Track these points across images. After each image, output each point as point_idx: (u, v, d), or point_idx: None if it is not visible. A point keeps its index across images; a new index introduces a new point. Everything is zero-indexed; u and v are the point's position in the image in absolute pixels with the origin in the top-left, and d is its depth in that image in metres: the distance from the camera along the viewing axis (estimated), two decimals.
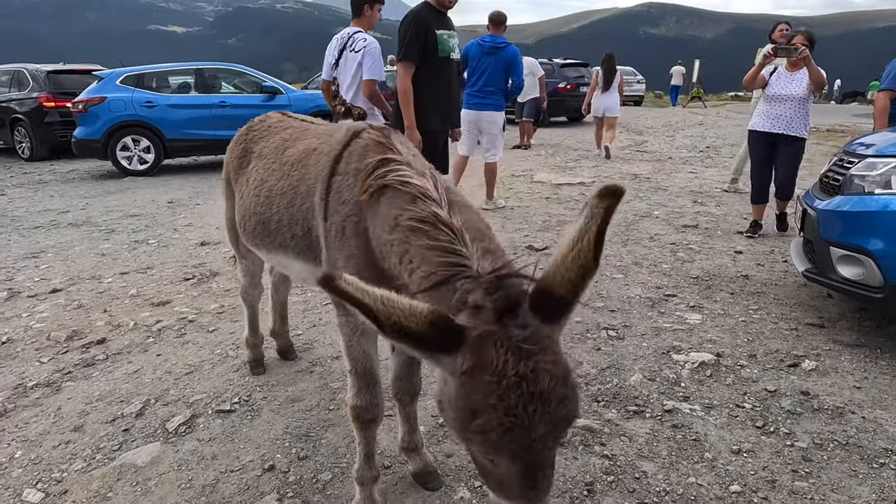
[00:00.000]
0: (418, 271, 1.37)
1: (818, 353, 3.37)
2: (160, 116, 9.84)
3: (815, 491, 2.26)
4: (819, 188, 3.97)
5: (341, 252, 1.80)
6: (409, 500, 2.23)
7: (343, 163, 1.86)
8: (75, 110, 9.86)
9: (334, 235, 1.82)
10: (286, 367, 3.26)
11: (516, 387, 1.04)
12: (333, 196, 1.84)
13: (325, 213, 1.88)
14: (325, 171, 1.91)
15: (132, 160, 9.92)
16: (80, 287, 4.58)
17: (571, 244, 1.13)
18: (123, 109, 9.73)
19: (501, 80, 6.57)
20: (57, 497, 2.27)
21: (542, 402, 1.06)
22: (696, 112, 22.47)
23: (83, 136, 9.77)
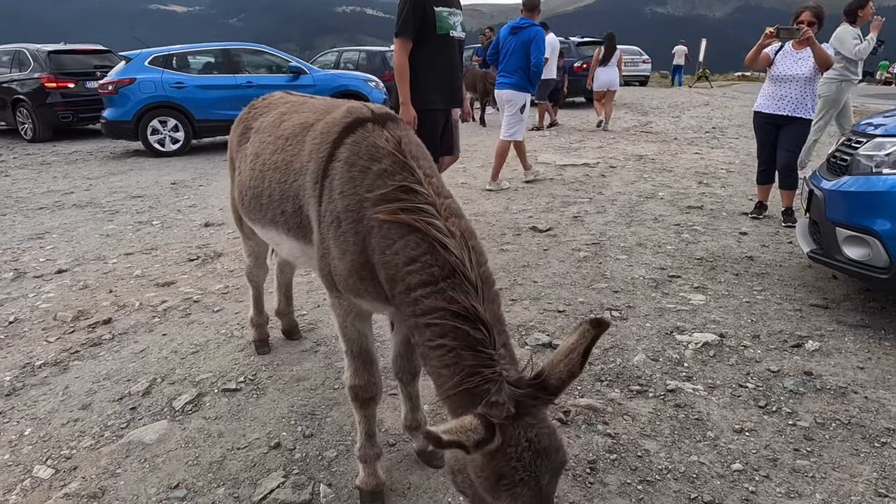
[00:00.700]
0: (449, 368, 1.50)
1: (822, 334, 3.37)
2: (189, 97, 9.82)
3: (816, 469, 2.28)
4: (826, 168, 3.93)
5: (336, 244, 1.79)
6: (413, 478, 2.26)
7: (345, 150, 1.80)
8: (104, 92, 9.83)
9: (329, 223, 1.80)
10: (291, 347, 3.28)
11: (527, 449, 1.35)
12: (330, 182, 1.81)
13: (318, 197, 1.85)
14: (322, 153, 1.87)
15: (164, 142, 9.95)
16: (85, 268, 4.60)
17: (565, 353, 1.43)
18: (154, 90, 9.72)
19: (522, 59, 6.63)
20: (66, 473, 2.30)
21: (545, 456, 1.38)
22: (703, 92, 22.22)
23: (114, 118, 9.75)
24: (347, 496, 2.15)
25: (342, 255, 1.77)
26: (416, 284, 1.56)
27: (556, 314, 3.63)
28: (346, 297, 1.88)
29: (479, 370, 1.44)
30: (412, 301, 1.57)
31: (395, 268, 1.61)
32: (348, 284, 1.81)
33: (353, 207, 1.73)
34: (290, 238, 2.14)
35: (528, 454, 1.35)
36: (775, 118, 5.34)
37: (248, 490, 2.19)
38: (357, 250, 1.73)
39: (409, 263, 1.58)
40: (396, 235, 1.61)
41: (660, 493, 2.16)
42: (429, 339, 1.54)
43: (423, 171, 1.72)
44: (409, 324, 1.61)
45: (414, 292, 1.56)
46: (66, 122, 11.59)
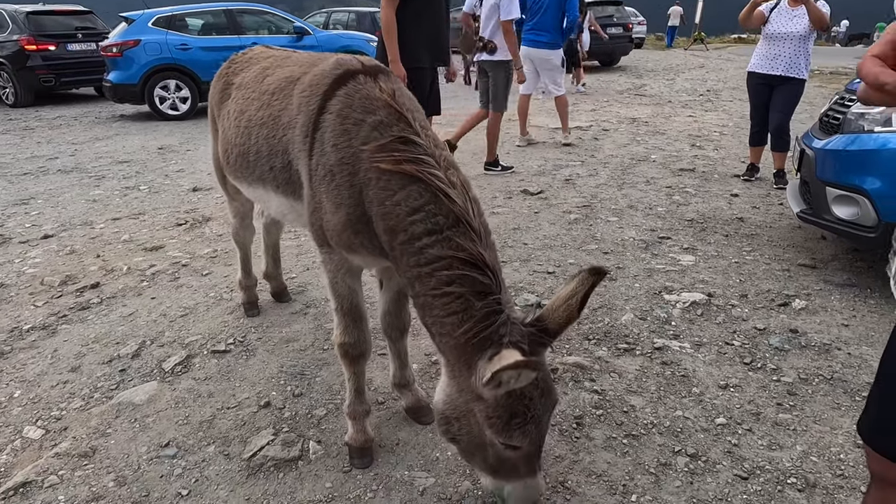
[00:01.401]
0: (457, 315, 1.53)
1: (809, 293, 3.39)
2: (195, 59, 9.60)
3: (797, 422, 2.32)
4: (819, 128, 3.90)
5: (328, 197, 1.76)
6: (403, 434, 2.28)
7: (337, 102, 1.76)
8: (108, 54, 9.59)
9: (321, 177, 1.77)
10: (280, 309, 3.28)
11: (536, 388, 1.47)
12: (321, 135, 1.77)
13: (309, 151, 1.82)
14: (311, 106, 1.83)
15: (175, 105, 9.79)
16: (71, 233, 4.55)
17: (564, 299, 1.50)
18: (159, 52, 9.51)
19: (557, 17, 6.50)
20: (57, 433, 2.32)
21: (549, 395, 1.51)
22: (698, 55, 21.92)
23: (120, 81, 9.53)
24: (337, 453, 2.18)
25: (336, 209, 1.74)
26: (421, 233, 1.55)
27: (545, 276, 3.63)
28: (337, 252, 1.87)
29: (489, 315, 1.48)
30: (416, 251, 1.56)
31: (398, 218, 1.59)
32: (342, 239, 1.79)
33: (348, 160, 1.70)
34: (279, 195, 2.10)
35: (537, 392, 1.46)
36: (769, 78, 5.27)
37: (239, 448, 2.21)
38: (352, 203, 1.71)
39: (412, 213, 1.57)
40: (397, 186, 1.60)
41: (644, 446, 2.20)
42: (433, 289, 1.54)
43: (419, 123, 1.71)
44: (411, 275, 1.60)
45: (418, 241, 1.56)
46: (49, 86, 11.30)
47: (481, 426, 1.52)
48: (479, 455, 1.59)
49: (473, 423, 1.54)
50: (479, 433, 1.54)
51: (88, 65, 11.45)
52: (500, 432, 1.47)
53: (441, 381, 1.65)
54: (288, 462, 2.13)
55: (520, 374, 1.35)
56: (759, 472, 2.06)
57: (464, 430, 1.57)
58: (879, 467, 1.04)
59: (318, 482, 2.04)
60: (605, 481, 2.03)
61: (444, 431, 1.64)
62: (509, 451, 1.52)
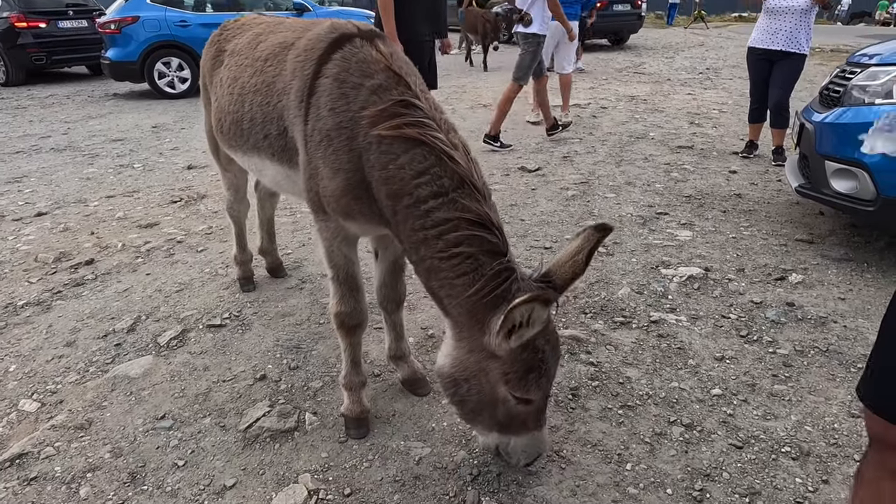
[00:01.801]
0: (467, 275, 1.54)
1: (806, 268, 3.39)
2: (195, 36, 9.38)
3: (793, 393, 2.33)
4: (819, 102, 3.87)
5: (326, 162, 1.72)
6: (398, 405, 2.29)
7: (334, 67, 1.73)
8: (106, 31, 9.42)
9: (318, 142, 1.74)
10: (276, 285, 3.27)
11: (548, 342, 1.54)
12: (317, 99, 1.74)
13: (304, 116, 1.79)
14: (307, 71, 1.79)
15: (173, 83, 9.65)
16: (65, 210, 4.51)
17: (570, 255, 1.55)
18: (158, 29, 9.34)
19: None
20: (53, 406, 2.31)
21: (557, 349, 1.61)
22: (698, 33, 21.69)
23: (119, 59, 9.37)
24: (333, 424, 2.18)
25: (334, 175, 1.72)
26: (427, 196, 1.54)
27: (542, 251, 3.62)
28: (333, 219, 1.84)
29: (500, 273, 1.51)
30: (422, 214, 1.55)
31: (402, 182, 1.58)
32: (340, 205, 1.76)
33: (347, 125, 1.67)
34: (275, 163, 2.07)
35: (549, 347, 1.54)
36: (769, 53, 5.21)
37: (234, 419, 2.21)
38: (351, 168, 1.68)
39: (417, 177, 1.56)
40: (400, 150, 1.58)
41: (640, 417, 2.20)
42: (441, 251, 1.53)
43: (419, 87, 1.70)
44: (416, 238, 1.58)
45: (424, 204, 1.55)
46: (40, 64, 11.13)
47: (494, 384, 1.55)
48: (487, 413, 1.62)
49: (485, 381, 1.57)
50: (489, 391, 1.57)
51: (80, 42, 11.28)
52: (517, 387, 1.52)
53: (445, 345, 1.65)
54: (284, 433, 2.13)
55: (532, 310, 1.38)
56: (753, 442, 2.07)
57: (473, 391, 1.59)
58: (878, 429, 1.04)
59: (314, 452, 2.05)
60: (600, 450, 2.04)
61: (451, 394, 1.66)
62: (521, 405, 1.57)
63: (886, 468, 0.99)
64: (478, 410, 1.64)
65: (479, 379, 1.58)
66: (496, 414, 1.62)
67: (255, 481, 1.94)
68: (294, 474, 1.95)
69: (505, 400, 1.57)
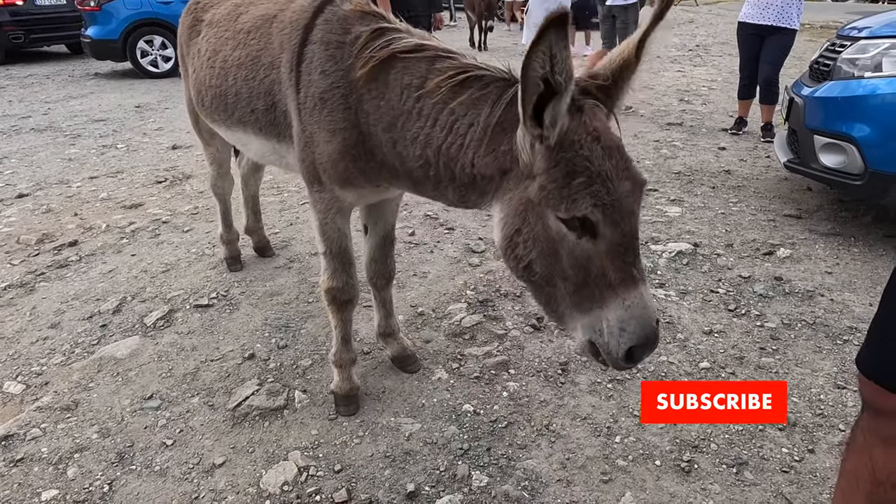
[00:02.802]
0: (481, 111, 1.39)
1: (794, 242, 3.40)
2: (177, 13, 9.12)
3: (780, 366, 2.35)
4: (809, 76, 3.85)
5: (321, 125, 1.69)
6: (389, 382, 2.28)
7: (318, 31, 1.71)
8: (86, 8, 9.22)
9: (311, 107, 1.71)
10: (264, 264, 3.24)
11: (596, 140, 1.23)
12: (307, 66, 1.72)
13: (296, 85, 1.75)
14: (294, 41, 1.77)
15: (156, 62, 9.48)
16: (47, 192, 4.43)
17: (620, 51, 1.33)
18: (139, 6, 9.18)
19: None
20: (38, 388, 2.29)
21: (620, 156, 1.26)
22: (688, 10, 21.52)
23: (99, 37, 9.18)
24: (322, 401, 2.17)
25: (331, 137, 1.69)
26: (415, 88, 1.50)
27: None
28: (328, 190, 1.82)
29: (506, 87, 1.37)
30: (418, 108, 1.49)
31: (392, 108, 1.55)
32: (337, 170, 1.73)
33: (338, 84, 1.65)
34: (260, 137, 2.04)
35: (598, 146, 1.22)
36: (759, 28, 5.17)
37: (223, 398, 2.20)
38: (348, 127, 1.65)
39: (404, 90, 1.52)
40: (382, 84, 1.56)
41: (628, 390, 2.21)
42: (448, 114, 1.44)
43: (395, 20, 1.67)
44: (421, 137, 1.49)
45: (415, 96, 1.50)
46: (18, 43, 10.83)
47: (541, 215, 1.27)
48: (558, 275, 1.30)
49: (535, 221, 1.29)
50: (542, 231, 1.28)
51: (59, 21, 10.99)
52: (561, 200, 1.21)
53: (494, 220, 1.43)
54: (273, 411, 2.12)
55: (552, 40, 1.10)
56: None
57: (530, 242, 1.31)
58: (870, 394, 1.04)
59: (303, 430, 2.04)
60: (589, 424, 2.05)
61: (516, 268, 1.37)
62: (586, 242, 1.23)
63: (878, 435, 1.00)
64: (547, 276, 1.31)
65: (528, 219, 1.30)
66: (565, 269, 1.27)
67: (244, 459, 1.93)
68: (284, 452, 1.95)
69: (561, 236, 1.25)
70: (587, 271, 1.26)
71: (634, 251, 1.26)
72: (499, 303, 2.79)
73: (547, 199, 1.25)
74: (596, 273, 1.25)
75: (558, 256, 1.28)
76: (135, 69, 9.53)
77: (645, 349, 1.26)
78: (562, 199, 1.22)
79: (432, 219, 3.75)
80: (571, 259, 1.27)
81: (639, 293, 1.23)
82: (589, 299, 1.27)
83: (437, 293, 2.89)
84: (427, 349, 2.47)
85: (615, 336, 1.24)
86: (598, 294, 1.25)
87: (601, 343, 1.28)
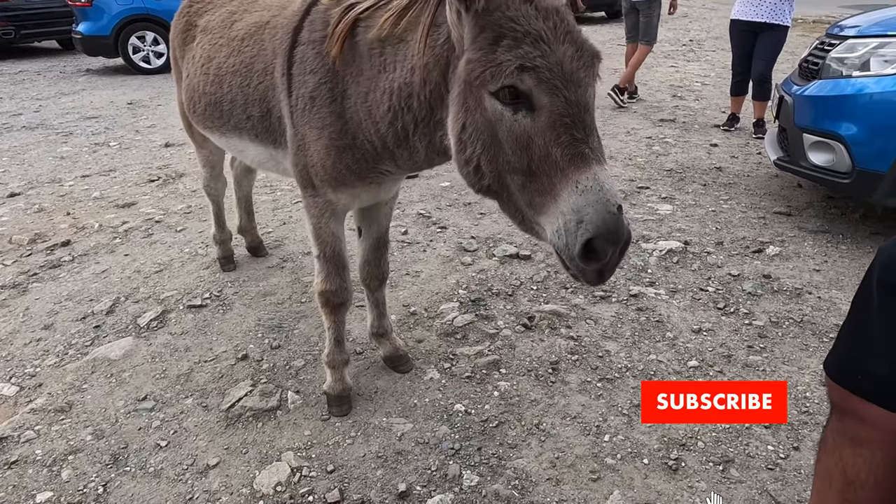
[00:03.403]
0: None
1: (783, 240, 3.44)
2: (170, 9, 9.01)
3: (767, 363, 2.38)
4: (798, 74, 3.88)
5: (311, 124, 1.71)
6: (381, 382, 2.30)
7: (305, 32, 1.73)
8: (77, 4, 9.14)
9: (302, 108, 1.72)
10: (257, 264, 3.25)
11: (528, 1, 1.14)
12: (297, 68, 1.73)
13: (289, 89, 1.77)
14: (284, 45, 1.78)
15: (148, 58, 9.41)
16: (39, 191, 4.41)
17: None
18: (131, 2, 9.11)
19: None
20: (32, 390, 2.30)
21: (559, 18, 1.14)
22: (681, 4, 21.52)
23: (91, 33, 9.11)
24: (315, 402, 2.19)
25: (320, 133, 1.69)
26: (377, 35, 1.49)
27: None
28: (321, 193, 1.83)
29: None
30: (384, 39, 1.49)
31: (369, 63, 1.54)
32: (326, 169, 1.73)
33: (325, 79, 1.66)
34: (257, 144, 2.05)
35: (529, 7, 1.14)
36: (752, 25, 5.19)
37: (217, 399, 2.21)
38: (334, 119, 1.66)
39: (371, 43, 1.51)
40: (357, 52, 1.56)
41: (618, 389, 2.24)
42: (403, 47, 1.45)
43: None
44: (390, 75, 1.49)
45: (389, 48, 1.48)
46: (8, 38, 10.74)
47: (481, 99, 1.17)
48: (505, 169, 1.19)
49: (475, 107, 1.19)
50: (483, 119, 1.19)
51: (50, 16, 10.90)
52: (487, 68, 1.12)
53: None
54: (266, 412, 2.14)
55: None
56: None
57: (473, 135, 1.21)
58: (837, 397, 1.08)
59: (296, 430, 2.06)
60: (579, 423, 2.08)
61: (465, 166, 1.27)
62: (523, 118, 1.13)
63: (846, 435, 1.03)
64: (495, 173, 1.21)
65: (467, 107, 1.21)
66: (509, 158, 1.17)
67: (238, 460, 1.95)
68: (277, 452, 1.97)
69: (497, 116, 1.15)
70: (530, 155, 1.13)
71: (585, 126, 1.11)
72: (490, 302, 2.82)
73: (475, 73, 1.15)
74: (540, 155, 1.12)
75: (500, 144, 1.17)
76: (127, 65, 9.47)
77: (605, 242, 1.06)
78: (488, 67, 1.12)
79: (425, 217, 3.77)
80: (511, 142, 1.15)
81: (592, 173, 1.08)
82: (540, 192, 1.14)
83: (429, 292, 2.91)
84: (419, 349, 2.49)
85: (571, 231, 1.08)
86: (548, 184, 1.12)
87: (559, 245, 1.12)
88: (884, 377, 0.98)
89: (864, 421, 1.01)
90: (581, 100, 1.12)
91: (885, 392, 0.97)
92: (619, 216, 1.07)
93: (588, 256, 1.08)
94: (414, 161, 1.62)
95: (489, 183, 1.24)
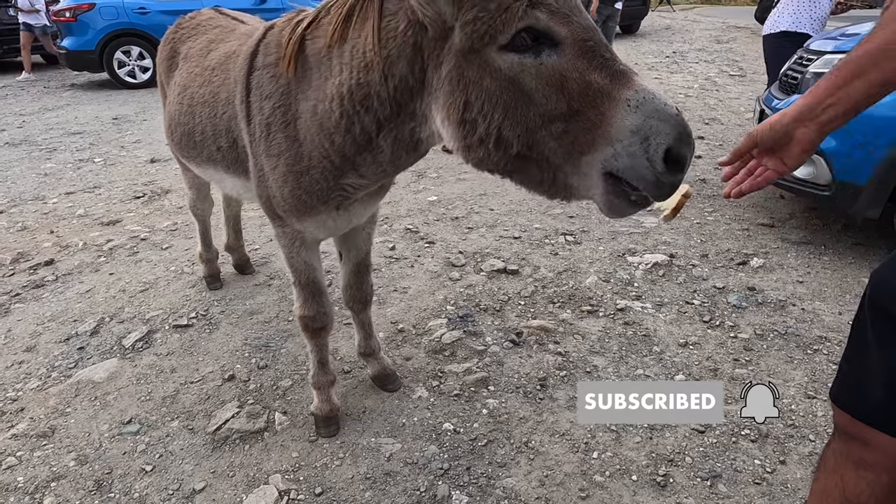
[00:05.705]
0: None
1: (766, 252, 3.48)
2: (155, 24, 9.08)
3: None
4: (779, 88, 3.95)
5: (268, 153, 1.64)
6: (369, 402, 2.29)
7: (261, 56, 1.67)
8: (62, 19, 9.11)
9: (259, 137, 1.66)
10: (243, 282, 3.23)
11: None
12: (255, 94, 1.66)
13: (248, 116, 1.71)
14: (242, 71, 1.72)
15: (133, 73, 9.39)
16: (22, 209, 4.37)
17: None
18: (116, 17, 9.10)
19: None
20: (13, 415, 2.26)
21: None
22: (664, 16, 21.84)
23: (76, 48, 9.08)
24: (303, 423, 2.18)
25: (276, 161, 1.62)
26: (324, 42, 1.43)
27: (511, 240, 3.64)
28: (288, 224, 1.81)
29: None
30: (330, 46, 1.42)
31: (318, 74, 1.47)
32: (285, 196, 1.65)
33: (280, 102, 1.58)
34: (231, 175, 2.01)
35: None
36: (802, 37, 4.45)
37: (203, 422, 2.19)
38: (290, 144, 1.58)
39: (318, 52, 1.45)
40: (307, 66, 1.49)
41: None
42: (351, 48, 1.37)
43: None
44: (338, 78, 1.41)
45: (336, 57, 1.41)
46: None
47: (488, 62, 1.09)
48: (538, 124, 1.09)
49: (479, 77, 1.11)
50: (498, 83, 1.10)
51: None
52: (493, 21, 1.05)
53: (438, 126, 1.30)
54: (253, 434, 2.12)
55: None
56: (714, 426, 2.13)
57: (487, 107, 1.12)
58: (843, 422, 1.12)
59: (284, 452, 2.05)
60: (567, 440, 2.08)
61: (481, 150, 1.17)
62: (548, 56, 1.06)
63: (850, 458, 1.06)
64: (526, 136, 1.11)
65: (466, 84, 1.13)
66: (543, 108, 1.08)
67: (225, 484, 1.93)
68: (265, 475, 1.95)
69: (519, 69, 1.07)
70: (568, 93, 1.05)
71: (606, 46, 1.08)
72: (479, 318, 2.82)
73: (480, 31, 1.07)
74: (580, 89, 1.05)
75: (528, 97, 1.08)
76: (112, 80, 9.44)
77: (683, 144, 1.02)
78: (493, 19, 1.05)
79: (413, 232, 3.77)
80: (543, 89, 1.07)
81: (639, 87, 1.03)
82: (586, 129, 1.05)
83: (417, 308, 2.91)
84: (407, 367, 2.48)
85: (639, 149, 1.02)
86: (595, 116, 1.04)
87: (626, 167, 1.04)
88: (880, 401, 1.00)
89: (868, 445, 1.03)
90: (590, 23, 1.09)
91: (890, 418, 1.00)
92: (682, 117, 1.04)
93: (670, 167, 1.03)
94: (378, 164, 1.49)
95: (518, 150, 1.12)
